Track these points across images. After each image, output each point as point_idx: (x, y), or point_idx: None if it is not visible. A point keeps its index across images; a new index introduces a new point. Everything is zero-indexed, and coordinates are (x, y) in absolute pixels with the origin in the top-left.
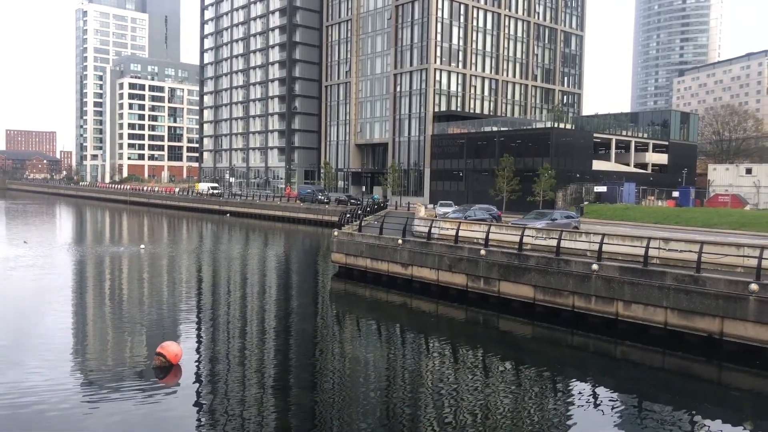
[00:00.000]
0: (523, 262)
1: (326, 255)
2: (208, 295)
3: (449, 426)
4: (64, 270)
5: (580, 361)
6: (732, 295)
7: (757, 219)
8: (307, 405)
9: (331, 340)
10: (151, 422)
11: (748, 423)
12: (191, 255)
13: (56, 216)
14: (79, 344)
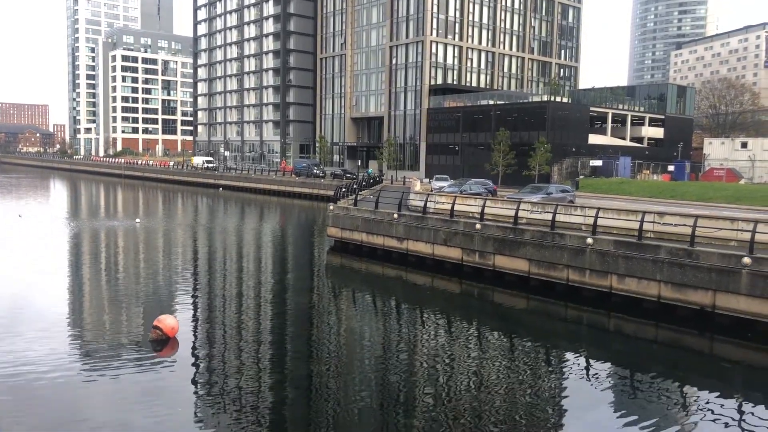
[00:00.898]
0: (518, 236)
1: (322, 229)
2: (204, 269)
3: (444, 397)
4: (59, 244)
5: (573, 334)
6: (725, 269)
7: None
8: (303, 377)
9: (327, 313)
10: (148, 394)
11: (738, 395)
12: (187, 229)
13: (50, 190)
14: (76, 318)
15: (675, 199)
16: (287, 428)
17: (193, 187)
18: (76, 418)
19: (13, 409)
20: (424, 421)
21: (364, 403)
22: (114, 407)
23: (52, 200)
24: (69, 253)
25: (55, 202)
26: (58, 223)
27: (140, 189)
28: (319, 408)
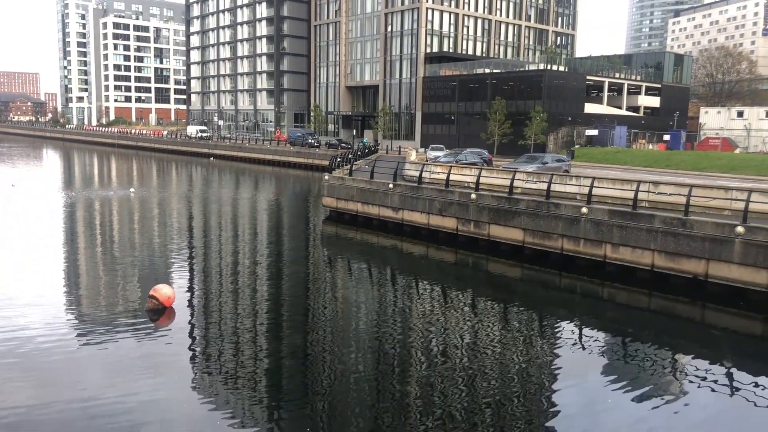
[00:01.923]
0: (513, 206)
1: (317, 199)
2: (199, 239)
3: (438, 364)
4: (53, 214)
5: (567, 302)
6: (718, 238)
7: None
8: (299, 345)
9: (323, 283)
10: (145, 362)
11: (727, 361)
12: (181, 198)
13: (43, 159)
14: (72, 287)
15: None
16: (283, 395)
17: (187, 157)
18: (73, 386)
19: (10, 378)
20: (418, 387)
21: (360, 371)
22: (111, 375)
23: (45, 170)
24: (63, 223)
25: (49, 171)
26: (51, 192)
27: (134, 158)
28: (314, 375)
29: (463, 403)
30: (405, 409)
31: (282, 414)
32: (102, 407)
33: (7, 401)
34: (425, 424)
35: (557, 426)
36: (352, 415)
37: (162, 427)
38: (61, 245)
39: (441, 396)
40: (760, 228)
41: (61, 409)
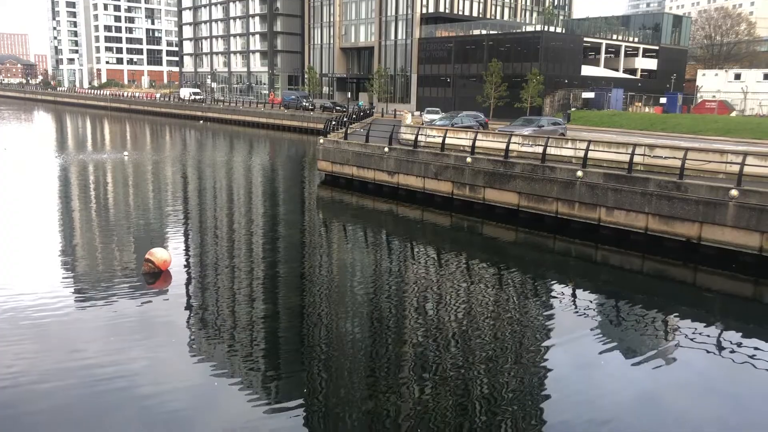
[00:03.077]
0: (509, 170)
1: (312, 163)
2: (194, 203)
3: (433, 326)
4: (47, 177)
5: (561, 265)
6: (712, 201)
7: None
8: (294, 308)
9: (318, 246)
10: (142, 325)
11: (718, 322)
12: (175, 162)
13: (35, 122)
14: (68, 251)
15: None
16: (280, 356)
17: (181, 120)
18: (71, 349)
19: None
20: (413, 347)
21: (355, 332)
22: (109, 338)
23: (37, 133)
24: (57, 187)
25: (41, 134)
26: (44, 156)
27: (127, 121)
28: (311, 337)
29: (457, 364)
30: (400, 370)
31: (279, 374)
32: (99, 370)
33: (3, 364)
34: (420, 384)
35: (550, 386)
36: (348, 376)
37: (159, 389)
38: (56, 210)
39: (435, 357)
40: (754, 191)
41: (58, 371)
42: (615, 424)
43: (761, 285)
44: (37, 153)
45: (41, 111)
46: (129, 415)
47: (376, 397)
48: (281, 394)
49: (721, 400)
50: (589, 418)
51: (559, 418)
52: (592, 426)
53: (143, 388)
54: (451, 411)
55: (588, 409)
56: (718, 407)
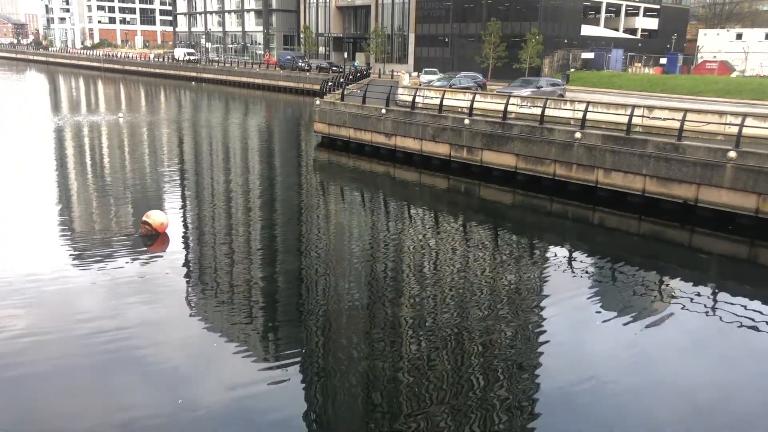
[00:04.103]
0: (507, 131)
1: (308, 124)
2: (190, 165)
3: (429, 288)
4: (42, 139)
5: (558, 227)
6: (710, 163)
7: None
8: (292, 269)
9: (315, 209)
10: (141, 286)
11: (713, 283)
12: (171, 124)
13: (28, 83)
14: (65, 214)
15: (665, 92)
16: (278, 317)
17: (175, 81)
18: (69, 312)
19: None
20: (409, 308)
21: (352, 293)
22: (107, 300)
23: (30, 94)
24: (52, 149)
25: (35, 95)
26: (38, 118)
27: (121, 82)
28: (308, 298)
29: (453, 324)
30: (396, 330)
31: (278, 333)
32: (99, 331)
33: (2, 326)
34: (416, 343)
35: (544, 345)
36: (345, 335)
37: (159, 349)
38: (51, 172)
39: (431, 317)
40: (751, 153)
41: (58, 333)
42: (608, 382)
43: (757, 246)
44: (31, 115)
45: (34, 71)
46: (129, 374)
47: (374, 355)
48: (280, 352)
49: (714, 360)
50: (582, 376)
51: (553, 377)
52: (585, 384)
53: (143, 348)
54: (447, 369)
55: (581, 368)
56: (710, 366)
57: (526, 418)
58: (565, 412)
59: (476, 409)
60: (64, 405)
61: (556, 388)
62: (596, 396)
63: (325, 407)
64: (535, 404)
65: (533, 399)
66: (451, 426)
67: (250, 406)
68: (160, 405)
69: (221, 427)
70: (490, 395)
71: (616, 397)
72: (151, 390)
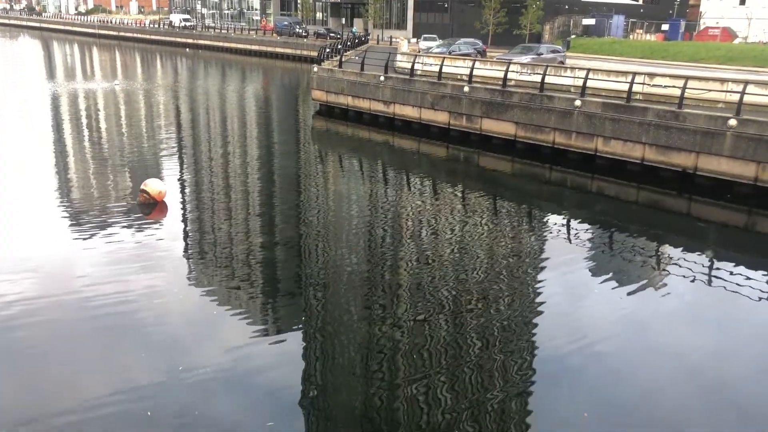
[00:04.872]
0: (507, 99)
1: (306, 92)
2: (187, 133)
3: (428, 256)
4: (37, 107)
5: (557, 196)
6: (710, 131)
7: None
8: (292, 237)
9: (314, 177)
10: (139, 256)
11: (710, 251)
12: (168, 91)
13: (21, 50)
14: (62, 182)
15: (667, 59)
16: (277, 286)
17: (172, 47)
18: (68, 280)
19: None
20: (408, 276)
21: (351, 262)
22: (106, 268)
23: (24, 60)
24: (48, 117)
25: (28, 62)
26: (33, 85)
27: (116, 49)
28: (308, 267)
29: (451, 290)
30: (395, 298)
31: (277, 301)
32: (99, 299)
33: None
34: (414, 311)
35: (541, 312)
36: (344, 303)
37: (158, 317)
38: (47, 140)
39: (430, 285)
40: (752, 120)
41: (58, 301)
42: (604, 348)
43: (755, 215)
44: (26, 83)
45: (27, 38)
46: (129, 341)
47: (373, 320)
48: (279, 318)
49: (709, 326)
50: (578, 341)
51: (549, 342)
52: (581, 349)
53: (143, 316)
54: (445, 334)
55: (577, 334)
56: (705, 333)
57: (521, 381)
58: (560, 376)
59: (473, 372)
60: (64, 371)
61: (552, 353)
62: (591, 361)
63: (325, 372)
64: (531, 368)
65: (529, 363)
66: (448, 389)
67: (250, 371)
68: (161, 371)
69: (222, 393)
70: (486, 360)
71: (612, 362)
72: (152, 356)
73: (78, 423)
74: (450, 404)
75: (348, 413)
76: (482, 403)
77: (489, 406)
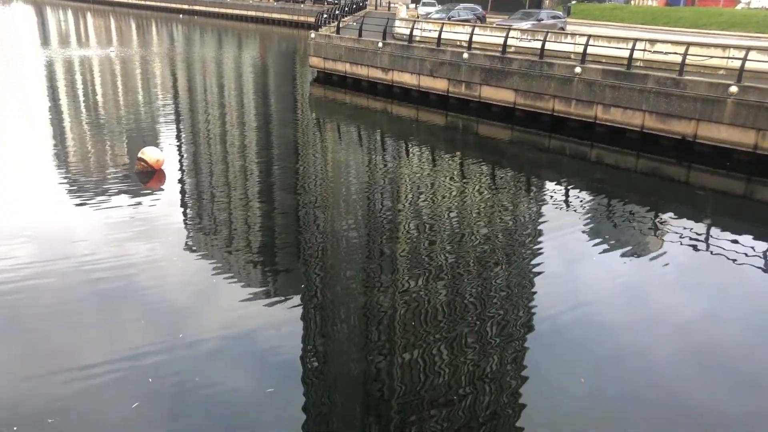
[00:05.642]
0: (506, 66)
1: (303, 59)
2: (184, 101)
3: (426, 224)
4: (32, 75)
5: (555, 164)
6: (711, 98)
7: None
8: (290, 205)
9: (312, 146)
10: (138, 225)
11: (708, 218)
12: (164, 58)
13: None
14: (58, 150)
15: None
16: (276, 253)
17: (167, 13)
18: (67, 247)
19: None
20: (406, 244)
21: (349, 230)
22: (105, 237)
23: (17, 26)
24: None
25: (21, 28)
26: (27, 51)
27: (111, 15)
28: (306, 236)
29: (450, 258)
30: (393, 266)
31: (276, 270)
32: (97, 267)
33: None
34: (412, 279)
35: (538, 279)
36: (343, 272)
37: (158, 286)
38: (43, 108)
39: (428, 252)
40: (753, 87)
41: (56, 270)
42: (601, 314)
43: (753, 182)
44: (20, 49)
45: (20, 3)
46: (129, 309)
47: (371, 290)
48: (278, 287)
49: (707, 293)
50: (576, 308)
51: (547, 308)
52: (578, 316)
53: (142, 283)
54: (443, 301)
55: (575, 301)
56: (702, 300)
57: (519, 347)
58: (557, 341)
59: (471, 338)
60: (64, 338)
61: (550, 318)
62: (588, 326)
63: (324, 338)
64: (529, 334)
65: (526, 329)
66: (446, 354)
67: (250, 338)
68: (161, 338)
69: (222, 359)
70: (484, 326)
71: (608, 327)
72: (151, 323)
73: (78, 389)
74: (447, 369)
75: (347, 378)
76: (479, 369)
77: (486, 371)
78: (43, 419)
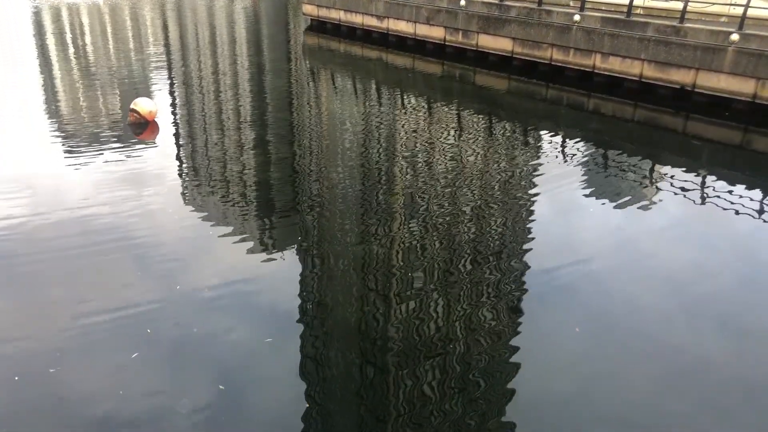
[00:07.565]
0: (504, 13)
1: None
2: (176, 50)
3: (422, 174)
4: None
5: (552, 114)
6: (711, 46)
7: None
8: (285, 157)
9: (306, 96)
10: (132, 176)
11: (703, 169)
12: (154, 7)
13: None
14: (49, 102)
15: None
16: (272, 206)
17: None
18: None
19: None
20: (401, 196)
21: (345, 182)
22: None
23: None
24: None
25: None
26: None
27: None
28: (302, 187)
29: (445, 209)
30: (389, 217)
31: (273, 222)
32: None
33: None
34: (408, 230)
35: (533, 229)
36: (339, 224)
37: (153, 239)
38: (31, 58)
39: (423, 204)
40: (754, 35)
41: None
42: (594, 265)
43: (751, 132)
44: None
45: None
46: (125, 263)
47: (368, 240)
48: (275, 239)
49: (698, 243)
50: (569, 259)
51: (540, 260)
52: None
53: (138, 237)
54: (438, 253)
55: (568, 252)
56: (694, 250)
57: (511, 297)
58: (552, 292)
59: (466, 288)
60: (61, 291)
61: (544, 269)
62: (583, 277)
63: (321, 289)
64: (522, 285)
65: (520, 280)
66: (441, 305)
67: (247, 289)
68: (158, 290)
69: (220, 310)
70: (479, 276)
71: (603, 278)
72: (148, 276)
73: (78, 339)
74: (442, 319)
75: (344, 329)
76: (474, 319)
77: (481, 320)
78: (45, 369)
